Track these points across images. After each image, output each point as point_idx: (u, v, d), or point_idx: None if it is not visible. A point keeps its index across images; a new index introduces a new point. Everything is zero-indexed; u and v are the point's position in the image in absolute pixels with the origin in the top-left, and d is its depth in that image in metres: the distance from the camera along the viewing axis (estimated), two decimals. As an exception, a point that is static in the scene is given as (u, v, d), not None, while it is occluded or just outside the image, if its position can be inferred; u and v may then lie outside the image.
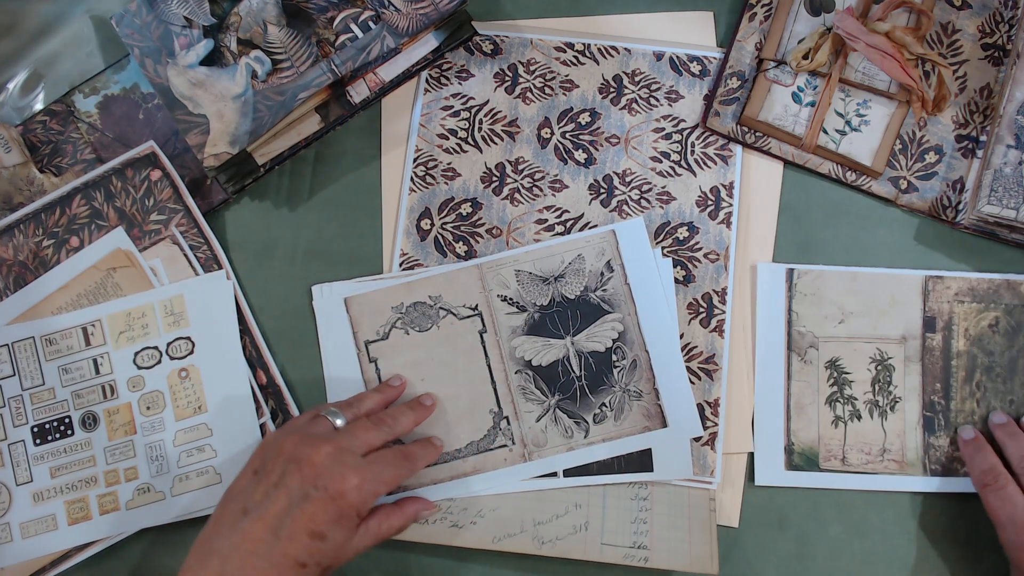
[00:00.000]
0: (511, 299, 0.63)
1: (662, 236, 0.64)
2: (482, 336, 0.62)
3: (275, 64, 0.61)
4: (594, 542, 0.59)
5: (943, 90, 0.63)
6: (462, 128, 0.66)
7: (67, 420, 0.61)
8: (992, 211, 0.60)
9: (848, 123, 0.64)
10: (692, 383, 0.62)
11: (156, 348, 0.62)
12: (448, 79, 0.67)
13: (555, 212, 0.65)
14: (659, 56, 0.67)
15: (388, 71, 0.64)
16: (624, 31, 0.67)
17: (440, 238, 0.65)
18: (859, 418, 0.62)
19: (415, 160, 0.66)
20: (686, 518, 0.59)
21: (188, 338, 0.62)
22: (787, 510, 0.61)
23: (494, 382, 0.62)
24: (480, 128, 0.66)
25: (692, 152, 0.65)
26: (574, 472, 0.61)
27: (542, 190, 0.65)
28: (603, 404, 0.61)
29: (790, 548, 0.61)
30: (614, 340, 0.62)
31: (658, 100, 0.66)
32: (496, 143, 0.66)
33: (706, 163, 0.65)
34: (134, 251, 0.63)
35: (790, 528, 0.61)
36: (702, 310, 0.63)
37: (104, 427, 0.61)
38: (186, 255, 0.63)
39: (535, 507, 0.60)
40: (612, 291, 0.63)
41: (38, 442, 0.61)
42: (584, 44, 0.67)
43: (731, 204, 0.64)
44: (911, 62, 0.63)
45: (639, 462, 0.61)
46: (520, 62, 0.67)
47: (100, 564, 0.61)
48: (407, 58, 0.64)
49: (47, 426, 0.61)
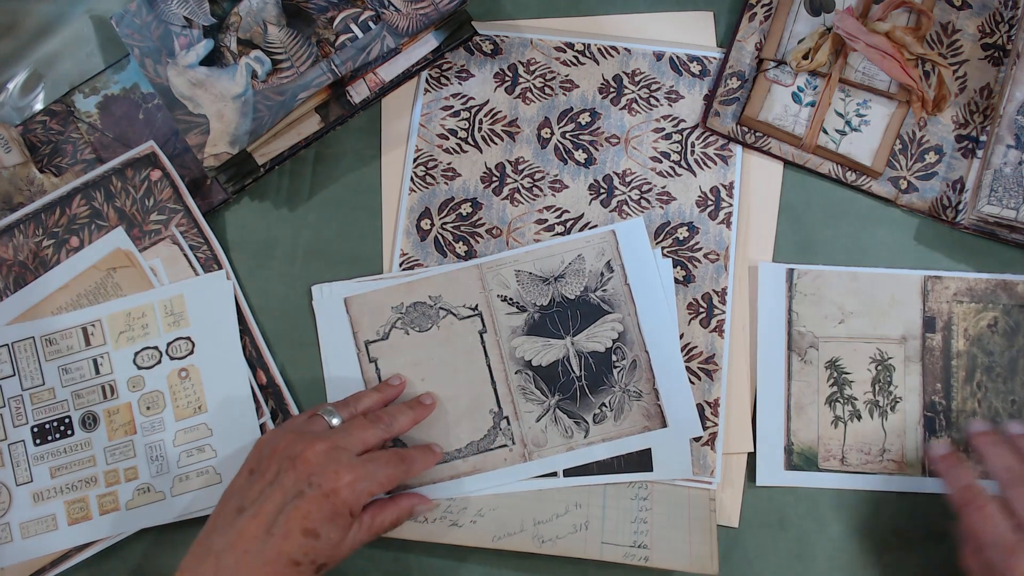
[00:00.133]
0: (511, 299, 0.63)
1: (662, 236, 0.64)
2: (482, 336, 0.62)
3: (275, 64, 0.61)
4: (594, 541, 0.59)
5: (943, 90, 0.63)
6: (462, 128, 0.66)
7: (67, 420, 0.61)
8: (992, 211, 0.60)
9: (848, 123, 0.64)
10: (692, 383, 0.62)
11: (156, 348, 0.62)
12: (448, 79, 0.67)
13: (555, 212, 0.65)
14: (659, 56, 0.67)
15: (388, 71, 0.64)
16: (624, 31, 0.67)
17: (440, 238, 0.65)
18: (859, 418, 0.62)
19: (415, 160, 0.66)
20: (686, 518, 0.59)
21: (188, 338, 0.62)
22: (787, 510, 0.61)
23: (494, 382, 0.62)
24: (480, 128, 0.66)
25: (692, 152, 0.65)
26: (574, 472, 0.61)
27: (542, 190, 0.65)
28: (603, 404, 0.61)
29: (790, 548, 0.61)
30: (614, 340, 0.62)
31: (658, 100, 0.66)
32: (496, 143, 0.66)
33: (706, 163, 0.65)
34: (134, 251, 0.63)
35: (790, 528, 0.61)
36: (702, 310, 0.63)
37: (104, 427, 0.61)
38: (186, 255, 0.63)
39: (535, 506, 0.60)
40: (612, 291, 0.63)
41: (38, 442, 0.61)
42: (584, 44, 0.67)
43: (731, 204, 0.64)
44: (911, 62, 0.62)
45: (639, 462, 0.61)
46: (520, 62, 0.67)
47: (100, 564, 0.61)
48: (407, 58, 0.64)
49: (47, 426, 0.61)
